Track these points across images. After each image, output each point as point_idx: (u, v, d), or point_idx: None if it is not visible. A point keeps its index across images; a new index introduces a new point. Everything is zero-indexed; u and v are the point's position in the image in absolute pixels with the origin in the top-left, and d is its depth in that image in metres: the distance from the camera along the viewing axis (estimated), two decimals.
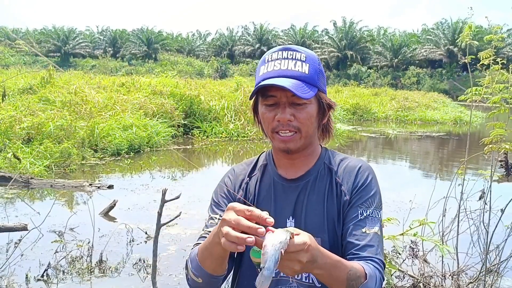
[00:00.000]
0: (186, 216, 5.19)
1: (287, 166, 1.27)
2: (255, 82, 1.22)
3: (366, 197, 1.20)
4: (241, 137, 12.36)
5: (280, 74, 1.15)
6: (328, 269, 0.98)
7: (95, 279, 3.60)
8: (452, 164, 9.80)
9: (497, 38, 2.76)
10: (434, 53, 52.28)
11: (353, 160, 1.27)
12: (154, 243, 2.33)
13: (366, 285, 1.05)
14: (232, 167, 1.37)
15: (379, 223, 1.19)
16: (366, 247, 1.13)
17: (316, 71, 1.18)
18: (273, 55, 1.19)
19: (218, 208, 1.27)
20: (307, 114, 1.17)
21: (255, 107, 1.27)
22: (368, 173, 1.23)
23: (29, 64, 44.86)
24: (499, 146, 2.78)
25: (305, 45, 57.50)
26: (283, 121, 1.15)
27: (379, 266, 1.12)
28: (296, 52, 1.18)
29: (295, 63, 1.16)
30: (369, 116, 21.05)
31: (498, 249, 3.06)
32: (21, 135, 8.33)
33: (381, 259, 1.14)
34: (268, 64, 1.18)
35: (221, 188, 1.32)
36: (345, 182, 1.22)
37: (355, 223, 1.16)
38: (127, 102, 12.12)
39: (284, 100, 1.15)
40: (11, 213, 5.20)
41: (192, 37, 69.16)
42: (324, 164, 1.26)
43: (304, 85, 1.14)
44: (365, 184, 1.21)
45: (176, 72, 25.22)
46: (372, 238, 1.15)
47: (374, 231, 1.16)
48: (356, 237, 1.14)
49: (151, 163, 8.64)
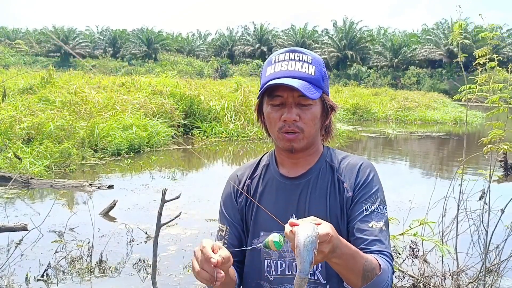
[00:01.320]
0: (186, 216, 5.20)
1: (289, 165, 1.29)
2: (260, 82, 1.24)
3: (370, 193, 1.21)
4: (241, 137, 12.36)
5: (288, 75, 1.17)
6: (346, 259, 1.00)
7: (95, 279, 3.60)
8: (452, 164, 9.80)
9: (492, 36, 2.75)
10: (434, 53, 52.28)
11: (355, 157, 1.29)
12: (154, 243, 2.33)
13: (381, 276, 1.07)
14: (235, 172, 1.39)
15: (385, 218, 1.20)
16: (375, 242, 1.14)
17: (321, 73, 1.21)
18: (280, 57, 1.21)
19: (223, 218, 1.33)
20: (312, 115, 1.19)
21: (259, 107, 1.29)
22: (369, 170, 1.25)
23: (29, 64, 44.86)
24: (498, 146, 2.78)
25: (305, 45, 57.54)
26: (289, 121, 1.17)
27: (389, 259, 1.14)
28: (303, 54, 1.21)
29: (302, 64, 1.19)
30: (369, 116, 21.06)
31: (498, 249, 3.06)
32: (21, 135, 8.34)
33: (390, 253, 1.16)
34: (275, 65, 1.20)
35: (225, 197, 1.35)
36: (347, 179, 1.24)
37: (361, 219, 1.17)
38: (127, 102, 12.12)
39: (291, 101, 1.18)
40: (11, 213, 5.20)
41: (192, 37, 69.16)
42: (326, 162, 1.28)
43: (311, 86, 1.17)
44: (367, 181, 1.23)
45: (176, 72, 25.21)
46: (380, 233, 1.16)
47: (381, 225, 1.17)
48: (364, 233, 1.15)
49: (151, 163, 8.64)
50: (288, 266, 1.24)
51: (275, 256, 1.24)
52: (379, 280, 1.07)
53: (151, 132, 10.28)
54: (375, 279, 1.06)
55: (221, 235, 1.29)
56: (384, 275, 1.08)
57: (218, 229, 1.33)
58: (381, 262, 1.09)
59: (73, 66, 46.97)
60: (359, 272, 1.04)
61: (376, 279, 1.06)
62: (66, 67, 41.81)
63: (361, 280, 1.05)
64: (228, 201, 1.33)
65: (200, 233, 4.69)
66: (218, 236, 1.31)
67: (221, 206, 1.34)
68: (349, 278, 1.06)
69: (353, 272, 1.04)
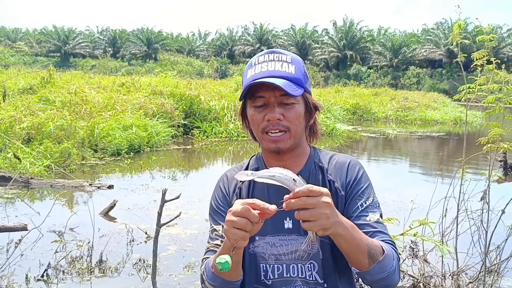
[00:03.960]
0: (186, 216, 5.20)
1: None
2: (242, 87, 1.24)
3: (362, 189, 1.24)
4: (241, 137, 12.36)
5: (269, 74, 1.18)
6: (351, 228, 1.04)
7: (95, 279, 3.60)
8: (453, 164, 9.80)
9: (489, 39, 2.77)
10: (434, 53, 52.28)
11: (342, 156, 1.31)
12: (154, 243, 2.33)
13: (386, 259, 1.09)
14: (224, 173, 1.39)
15: (380, 211, 1.23)
16: (376, 233, 1.17)
17: (301, 72, 1.22)
18: (260, 58, 1.23)
19: (219, 217, 1.30)
20: (296, 113, 1.20)
21: (242, 111, 1.30)
22: (358, 168, 1.28)
23: (29, 64, 44.89)
24: (498, 146, 2.78)
25: (305, 45, 57.61)
26: (273, 120, 1.18)
27: (393, 246, 1.17)
28: (282, 54, 1.22)
29: (281, 64, 1.20)
30: (369, 116, 21.06)
31: (498, 249, 3.06)
32: (21, 135, 8.33)
33: (393, 241, 1.18)
34: (256, 67, 1.21)
35: (218, 196, 1.34)
36: (337, 179, 1.26)
37: (358, 215, 1.20)
38: (127, 102, 12.12)
39: (273, 100, 1.18)
40: (11, 213, 5.20)
41: (192, 37, 69.18)
42: (315, 163, 1.29)
43: (292, 84, 1.18)
44: (357, 178, 1.25)
45: (176, 72, 25.21)
46: (378, 224, 1.19)
47: (377, 217, 1.20)
48: (363, 227, 1.16)
49: (151, 163, 8.64)
50: (285, 269, 1.24)
51: (272, 260, 1.24)
52: (385, 262, 1.09)
53: (151, 132, 10.28)
54: (382, 260, 1.08)
55: (217, 234, 1.27)
56: (389, 259, 1.10)
57: (212, 231, 1.30)
58: (385, 246, 1.11)
59: (73, 66, 46.99)
60: (364, 247, 1.06)
61: (382, 260, 1.08)
62: (66, 67, 41.83)
63: (368, 258, 1.07)
64: (223, 201, 1.32)
65: (200, 233, 4.69)
66: (213, 236, 1.28)
67: (214, 207, 1.33)
68: (357, 256, 1.07)
69: (359, 247, 1.06)
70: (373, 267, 1.07)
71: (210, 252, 1.26)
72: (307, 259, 1.23)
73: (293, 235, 1.23)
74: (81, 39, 61.28)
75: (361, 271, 1.10)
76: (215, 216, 1.31)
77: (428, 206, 3.35)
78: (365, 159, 10.35)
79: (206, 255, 1.27)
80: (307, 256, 1.23)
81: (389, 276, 1.10)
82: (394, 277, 1.12)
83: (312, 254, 1.23)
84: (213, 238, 1.28)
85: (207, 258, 1.26)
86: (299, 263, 1.23)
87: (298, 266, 1.23)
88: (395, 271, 1.11)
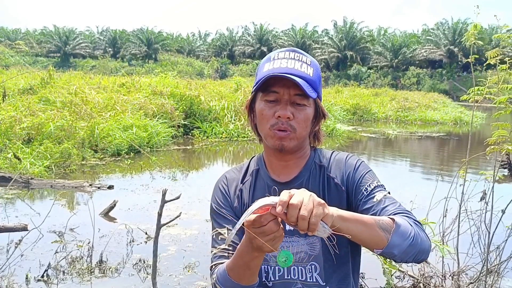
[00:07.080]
0: (186, 216, 5.19)
1: (279, 169, 1.28)
2: (256, 79, 1.22)
3: (364, 175, 1.22)
4: (241, 137, 12.36)
5: (288, 71, 1.16)
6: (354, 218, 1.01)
7: (95, 280, 3.60)
8: (453, 164, 9.80)
9: (507, 37, 2.74)
10: (434, 53, 52.30)
11: (341, 153, 1.31)
12: (154, 243, 2.33)
13: (401, 224, 1.05)
14: (224, 174, 1.37)
15: (387, 191, 1.20)
16: (385, 209, 1.14)
17: (318, 77, 1.22)
18: (280, 55, 1.21)
19: (222, 220, 1.27)
20: (305, 116, 1.19)
21: (250, 104, 1.27)
22: (356, 160, 1.27)
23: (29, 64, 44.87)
24: (501, 147, 2.77)
25: (305, 46, 57.60)
26: (284, 117, 1.16)
27: (407, 214, 1.12)
28: (302, 55, 1.22)
29: (301, 64, 1.19)
30: (369, 117, 21.05)
31: (498, 249, 3.06)
32: (21, 136, 8.33)
33: (406, 210, 1.15)
34: (275, 61, 1.20)
35: (218, 198, 1.31)
36: (337, 175, 1.25)
37: (365, 200, 1.18)
38: (127, 102, 12.11)
39: (286, 98, 1.17)
40: (11, 213, 5.20)
41: (192, 37, 69.22)
42: (315, 163, 1.28)
43: (309, 86, 1.17)
44: (356, 167, 1.24)
45: (176, 72, 25.21)
46: (387, 200, 1.16)
47: (384, 194, 1.18)
48: (372, 209, 1.15)
49: (151, 164, 8.64)
50: (286, 271, 1.23)
51: (272, 261, 1.23)
52: (401, 229, 1.04)
53: (151, 133, 10.28)
54: (396, 228, 1.03)
55: (222, 238, 1.24)
56: (404, 225, 1.05)
57: (216, 234, 1.25)
58: (393, 217, 1.07)
59: (73, 67, 47.00)
60: (371, 221, 1.02)
61: (397, 228, 1.03)
62: (66, 68, 41.84)
63: (381, 230, 1.02)
64: (225, 203, 1.29)
65: (200, 234, 4.69)
66: (219, 240, 1.24)
67: (216, 210, 1.29)
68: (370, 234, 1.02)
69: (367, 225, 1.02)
70: (391, 238, 1.02)
71: (219, 258, 1.22)
72: (307, 261, 1.22)
73: (294, 237, 1.22)
74: (81, 39, 61.34)
75: (386, 250, 1.03)
76: (218, 219, 1.27)
77: (428, 207, 3.35)
78: (365, 159, 10.34)
79: (216, 261, 1.23)
80: (308, 257, 1.22)
81: (415, 242, 1.04)
82: (423, 242, 1.06)
83: (313, 255, 1.22)
84: (219, 242, 1.24)
85: (217, 264, 1.21)
86: (299, 265, 1.22)
87: (298, 268, 1.22)
88: (419, 234, 1.06)
